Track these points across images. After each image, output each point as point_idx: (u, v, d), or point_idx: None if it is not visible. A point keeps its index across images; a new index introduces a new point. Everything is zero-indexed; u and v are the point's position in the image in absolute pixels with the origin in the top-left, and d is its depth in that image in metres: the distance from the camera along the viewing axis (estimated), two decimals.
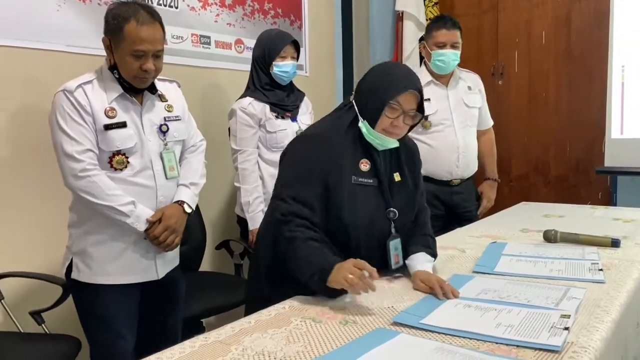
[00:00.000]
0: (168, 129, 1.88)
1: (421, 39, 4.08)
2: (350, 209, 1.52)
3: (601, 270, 1.65)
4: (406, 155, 1.68)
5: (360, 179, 1.55)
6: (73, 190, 1.75)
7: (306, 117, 2.64)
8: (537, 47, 4.02)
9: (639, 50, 3.41)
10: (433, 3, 4.17)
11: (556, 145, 3.99)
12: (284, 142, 2.36)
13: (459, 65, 2.81)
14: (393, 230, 1.60)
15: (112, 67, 1.78)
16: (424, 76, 2.75)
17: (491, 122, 2.98)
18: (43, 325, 2.00)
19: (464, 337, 1.17)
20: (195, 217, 2.55)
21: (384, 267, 1.59)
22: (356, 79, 3.96)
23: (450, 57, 2.66)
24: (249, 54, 3.05)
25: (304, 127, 2.50)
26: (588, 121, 3.76)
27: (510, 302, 1.38)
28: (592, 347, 1.13)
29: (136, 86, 1.79)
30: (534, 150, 4.08)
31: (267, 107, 2.51)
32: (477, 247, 1.98)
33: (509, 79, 4.13)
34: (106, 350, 1.82)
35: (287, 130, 2.51)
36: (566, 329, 1.19)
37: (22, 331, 2.00)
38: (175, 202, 1.87)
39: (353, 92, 1.63)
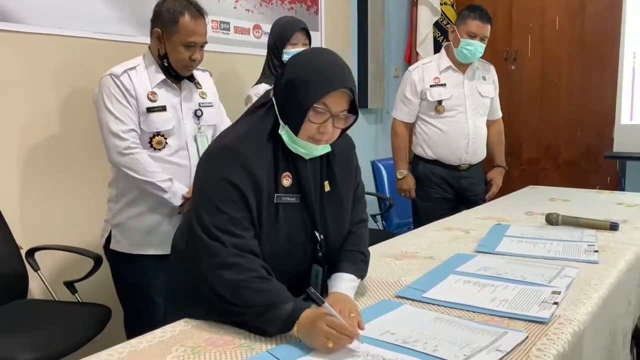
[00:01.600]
0: (202, 114, 2.06)
1: (436, 23, 4.17)
2: (274, 234, 1.27)
3: (596, 252, 1.75)
4: (340, 155, 1.39)
5: (282, 197, 1.28)
6: (117, 166, 1.93)
7: None
8: (550, 32, 4.07)
9: None
10: None
11: (567, 131, 4.06)
12: None
13: None
14: (320, 254, 1.35)
15: (163, 56, 1.94)
16: (443, 61, 2.82)
17: (500, 114, 3.04)
18: (76, 294, 2.16)
19: (461, 309, 1.30)
20: None
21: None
22: (371, 63, 4.04)
23: (477, 48, 2.72)
24: (266, 39, 3.15)
25: None
26: (599, 107, 3.83)
27: (506, 278, 1.49)
28: (578, 320, 1.24)
29: (182, 74, 1.98)
30: (545, 135, 4.15)
31: None
32: (481, 229, 2.09)
33: (521, 64, 4.19)
34: (140, 316, 1.99)
35: None
36: (555, 303, 1.31)
37: (56, 299, 2.16)
38: None
39: (272, 87, 1.34)
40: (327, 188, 1.36)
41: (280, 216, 1.28)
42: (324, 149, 1.31)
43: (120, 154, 1.89)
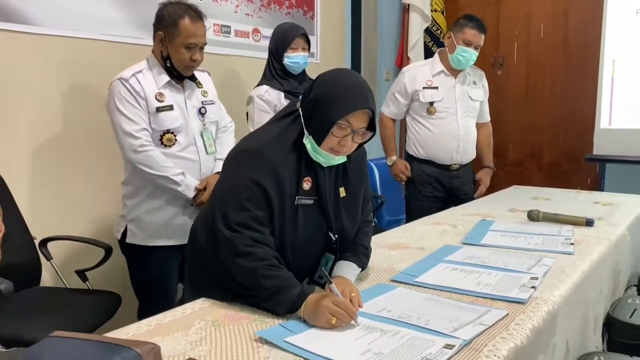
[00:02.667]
0: (206, 111, 2.20)
1: (427, 29, 4.34)
2: (293, 231, 1.41)
3: (572, 244, 1.91)
4: (354, 164, 1.54)
5: (302, 199, 1.42)
6: (132, 163, 2.05)
7: None
8: (535, 40, 4.26)
9: (628, 47, 3.65)
10: None
11: (550, 134, 4.25)
12: None
13: None
14: (334, 247, 1.50)
15: (166, 58, 2.07)
16: (436, 65, 2.97)
17: (489, 118, 3.18)
18: (87, 282, 2.29)
19: (449, 292, 1.45)
20: None
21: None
22: (363, 67, 4.20)
23: (471, 55, 2.86)
24: (265, 43, 3.28)
25: None
26: (580, 112, 4.01)
27: (490, 266, 1.65)
28: (552, 300, 1.40)
29: (184, 74, 2.11)
30: (529, 138, 4.34)
31: (282, 94, 2.70)
32: (467, 224, 2.25)
33: (508, 69, 4.37)
34: (153, 306, 2.11)
35: None
36: (533, 287, 1.47)
37: (68, 287, 2.29)
38: (215, 173, 2.19)
39: (300, 99, 1.46)
40: (342, 194, 1.50)
41: (299, 215, 1.42)
42: (340, 159, 1.45)
43: (134, 152, 2.02)
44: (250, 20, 3.33)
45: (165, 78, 2.09)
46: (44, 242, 2.28)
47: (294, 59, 2.67)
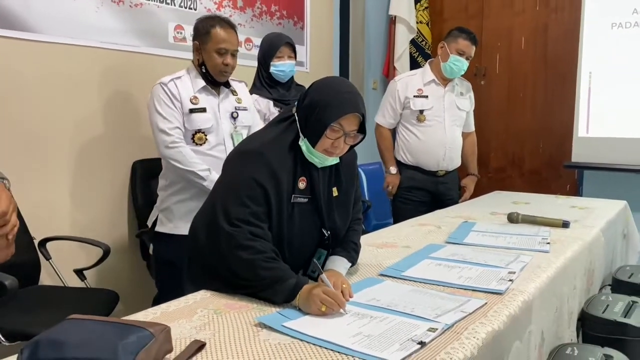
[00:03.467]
0: (238, 115, 2.42)
1: (412, 41, 4.48)
2: (289, 227, 1.52)
3: (548, 243, 2.04)
4: (346, 165, 1.65)
5: (298, 197, 1.53)
6: (164, 158, 2.28)
7: None
8: (516, 52, 4.42)
9: (604, 59, 3.82)
10: (424, 7, 4.55)
11: (531, 142, 4.40)
12: None
13: None
14: (326, 244, 1.62)
15: (201, 64, 2.29)
16: (427, 75, 3.10)
17: (474, 128, 3.32)
18: (85, 281, 2.36)
19: (433, 284, 1.56)
20: None
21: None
22: (351, 76, 4.32)
23: (463, 65, 3.00)
24: (256, 51, 3.40)
25: None
26: (559, 121, 4.17)
27: (471, 262, 1.77)
28: (527, 292, 1.52)
29: (218, 80, 2.33)
30: (510, 146, 4.49)
31: (271, 103, 2.79)
32: (451, 225, 2.37)
33: (490, 79, 4.53)
34: (171, 293, 2.20)
35: None
36: (510, 280, 1.58)
37: (66, 285, 2.36)
38: None
39: (296, 104, 1.57)
40: (335, 193, 1.62)
41: (295, 213, 1.53)
42: (334, 160, 1.56)
43: (167, 147, 2.24)
44: (243, 30, 3.43)
45: (202, 83, 2.32)
46: (43, 242, 2.36)
47: (280, 67, 2.75)
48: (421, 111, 3.04)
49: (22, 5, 2.35)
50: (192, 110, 2.28)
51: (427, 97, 3.05)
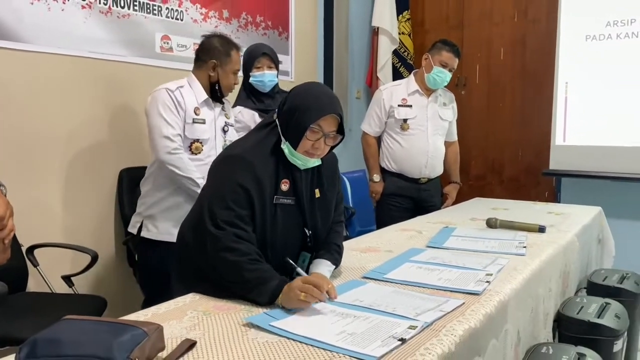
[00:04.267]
0: (228, 130, 2.54)
1: (395, 51, 4.58)
2: (272, 228, 1.58)
3: (525, 247, 2.12)
4: (327, 168, 1.72)
5: (281, 199, 1.59)
6: (164, 164, 2.33)
7: None
8: (496, 62, 4.54)
9: (580, 70, 3.95)
10: (406, 19, 4.66)
11: (510, 150, 4.51)
12: None
13: None
14: (309, 245, 1.68)
15: (214, 82, 2.45)
16: (411, 85, 3.19)
17: (456, 137, 3.41)
18: (73, 287, 2.39)
19: (414, 286, 1.62)
20: None
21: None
22: (335, 85, 4.40)
23: (446, 76, 3.10)
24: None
25: None
26: (537, 129, 4.29)
27: (451, 265, 1.84)
28: (503, 292, 1.59)
29: (225, 95, 2.53)
30: (490, 153, 4.60)
31: (256, 114, 2.82)
32: (432, 230, 2.44)
33: (470, 89, 4.64)
34: (161, 299, 2.24)
35: None
36: (487, 282, 1.65)
37: (54, 292, 2.39)
38: None
39: (276, 110, 1.65)
40: (317, 194, 1.69)
41: (278, 214, 1.59)
42: (315, 162, 1.63)
43: (169, 153, 2.32)
44: None
45: (205, 96, 2.44)
46: (31, 249, 2.38)
47: (258, 77, 2.78)
48: (405, 120, 3.12)
49: (12, 16, 2.39)
50: (194, 121, 2.39)
51: (411, 106, 3.14)
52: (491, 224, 2.52)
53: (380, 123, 3.21)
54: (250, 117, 2.82)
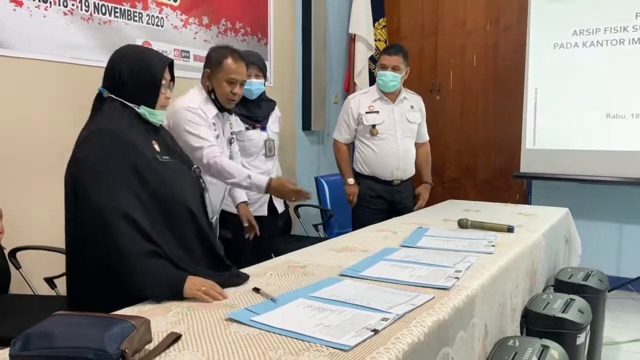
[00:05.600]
0: (234, 141, 2.61)
1: (371, 57, 4.69)
2: (170, 185, 1.62)
3: (493, 246, 2.23)
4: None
5: (163, 157, 1.67)
6: (209, 176, 2.28)
7: (275, 125, 3.05)
8: (469, 68, 4.68)
9: (548, 76, 4.10)
10: (382, 26, 4.78)
11: (483, 153, 4.66)
12: (252, 150, 2.86)
13: (406, 86, 3.38)
14: (203, 184, 1.82)
15: (210, 91, 2.40)
16: (376, 92, 3.31)
17: (427, 138, 3.54)
18: (55, 289, 2.42)
19: (387, 282, 1.71)
20: None
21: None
22: (314, 90, 4.49)
23: (389, 77, 3.22)
24: None
25: (272, 135, 2.96)
26: (509, 133, 4.43)
27: (422, 263, 1.93)
28: (470, 287, 1.69)
29: (225, 106, 2.44)
30: (464, 157, 4.73)
31: (238, 119, 2.87)
32: (406, 231, 2.54)
33: (444, 94, 4.78)
34: None
35: (254, 139, 2.93)
36: (456, 278, 1.75)
37: (37, 294, 2.42)
38: (242, 202, 2.80)
39: (104, 89, 1.66)
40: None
41: (168, 171, 1.66)
42: (163, 112, 1.75)
43: (207, 164, 2.28)
44: (208, 45, 3.50)
45: (214, 110, 2.42)
46: (13, 252, 2.41)
47: (245, 85, 2.84)
48: (373, 126, 3.24)
49: None
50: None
51: (378, 112, 3.26)
52: (463, 224, 2.63)
53: (349, 130, 3.32)
54: (234, 122, 2.85)
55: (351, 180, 3.34)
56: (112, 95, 1.64)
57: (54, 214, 2.66)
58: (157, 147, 1.67)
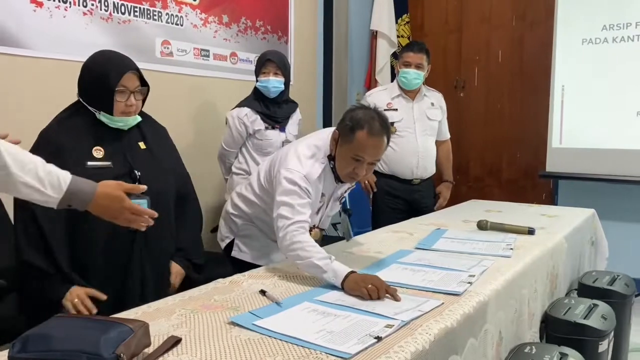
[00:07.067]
0: (345, 199, 2.40)
1: (394, 54, 4.64)
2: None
3: (512, 249, 2.16)
4: (152, 128, 1.87)
5: (92, 164, 1.67)
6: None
7: (294, 127, 3.03)
8: (494, 65, 4.58)
9: (576, 73, 3.98)
10: (405, 22, 4.71)
11: (508, 152, 4.55)
12: (268, 150, 2.84)
13: (427, 83, 3.32)
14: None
15: (332, 158, 1.98)
16: (395, 89, 3.25)
17: (448, 135, 3.45)
18: None
19: (397, 286, 1.66)
20: None
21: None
22: (334, 88, 4.46)
23: (412, 75, 3.16)
24: (242, 65, 3.55)
25: (290, 137, 2.93)
26: (535, 131, 4.32)
27: (436, 266, 1.89)
28: (483, 293, 1.64)
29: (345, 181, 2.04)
30: (489, 156, 4.64)
31: (258, 117, 2.89)
32: (423, 232, 2.49)
33: (469, 91, 4.68)
34: None
35: (272, 140, 2.92)
36: (469, 283, 1.70)
37: None
38: None
39: (78, 91, 1.75)
40: (142, 146, 1.81)
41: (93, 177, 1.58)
42: (136, 119, 1.76)
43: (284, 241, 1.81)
44: (228, 44, 3.56)
45: (331, 184, 2.09)
46: None
47: (263, 82, 2.87)
48: (392, 123, 3.18)
49: (15, 23, 2.47)
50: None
51: (396, 109, 3.20)
52: (482, 226, 2.57)
53: None
54: (254, 120, 2.89)
55: None
56: (80, 99, 1.73)
57: None
58: (98, 153, 1.70)
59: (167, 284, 1.88)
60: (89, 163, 1.66)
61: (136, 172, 1.74)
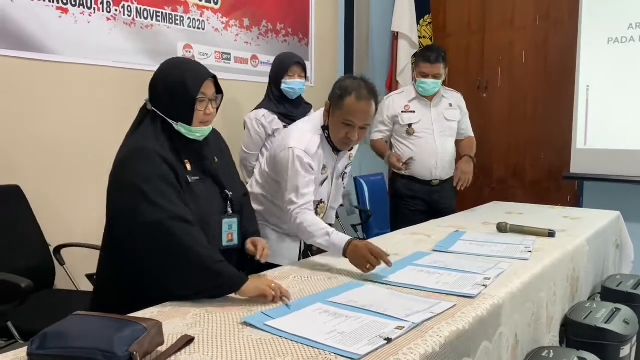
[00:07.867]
0: (347, 176, 2.45)
1: (414, 55, 4.61)
2: (195, 208, 1.59)
3: (530, 252, 2.14)
4: (214, 138, 1.79)
5: (192, 178, 1.63)
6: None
7: None
8: (517, 65, 4.52)
9: (601, 73, 3.91)
10: (427, 23, 4.68)
11: (532, 153, 4.49)
12: None
13: (448, 83, 3.29)
14: (230, 209, 1.74)
15: (325, 128, 2.13)
16: (412, 92, 3.24)
17: (471, 133, 3.39)
18: None
19: (410, 288, 1.68)
20: None
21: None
22: None
23: (430, 85, 3.13)
24: (263, 68, 3.58)
25: None
26: (559, 132, 4.25)
27: (451, 269, 1.88)
28: (498, 296, 1.63)
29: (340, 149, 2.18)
30: (512, 157, 4.58)
31: (276, 117, 2.93)
32: (441, 234, 2.48)
33: (492, 92, 4.63)
34: None
35: None
36: (484, 285, 1.69)
37: (79, 289, 2.52)
38: None
39: (147, 100, 1.65)
40: (216, 161, 1.76)
41: (195, 192, 1.63)
42: (209, 129, 1.70)
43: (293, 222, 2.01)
44: (249, 47, 3.60)
45: (331, 155, 2.22)
46: (58, 249, 2.52)
47: (290, 85, 2.91)
48: (409, 125, 3.18)
49: (39, 28, 2.54)
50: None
51: (414, 112, 3.19)
52: (501, 228, 2.55)
53: (385, 130, 3.27)
54: (271, 120, 2.92)
55: (388, 152, 3.21)
56: (154, 109, 1.63)
57: (97, 213, 2.77)
58: (188, 166, 1.64)
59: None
60: (191, 178, 1.63)
61: (227, 192, 1.75)
